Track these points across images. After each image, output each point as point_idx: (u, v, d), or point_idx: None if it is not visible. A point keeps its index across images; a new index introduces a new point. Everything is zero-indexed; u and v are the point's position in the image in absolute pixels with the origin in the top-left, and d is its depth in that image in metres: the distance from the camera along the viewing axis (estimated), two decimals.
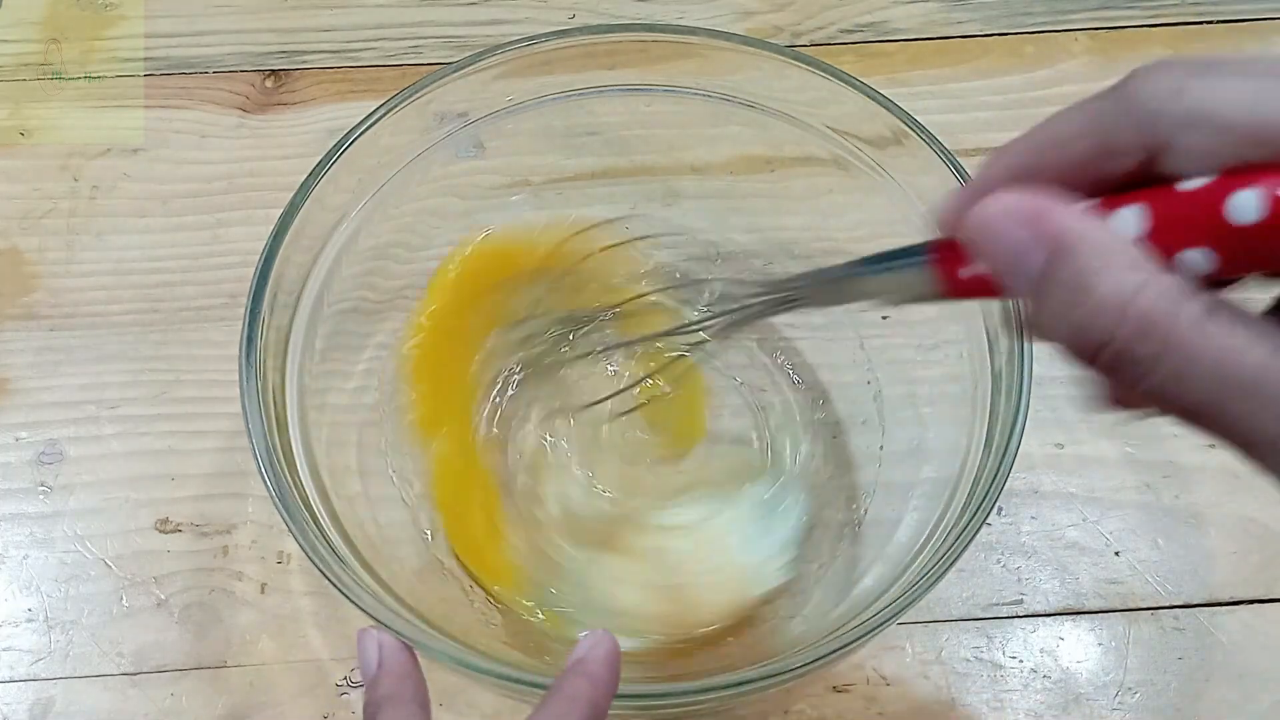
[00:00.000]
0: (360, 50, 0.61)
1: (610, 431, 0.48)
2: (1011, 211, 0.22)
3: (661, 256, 0.50)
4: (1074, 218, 0.21)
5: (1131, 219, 0.22)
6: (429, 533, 0.45)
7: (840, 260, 0.31)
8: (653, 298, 0.49)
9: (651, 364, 0.48)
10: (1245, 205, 0.20)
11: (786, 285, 0.33)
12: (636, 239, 0.50)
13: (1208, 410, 0.21)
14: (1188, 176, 0.21)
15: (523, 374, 0.49)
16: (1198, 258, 0.21)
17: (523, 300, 0.48)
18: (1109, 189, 0.23)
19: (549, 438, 0.48)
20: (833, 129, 0.45)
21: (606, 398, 0.47)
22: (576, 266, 0.48)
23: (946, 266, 0.26)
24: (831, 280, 0.31)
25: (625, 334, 0.49)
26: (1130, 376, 0.21)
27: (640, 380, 0.48)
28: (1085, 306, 0.21)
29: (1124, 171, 0.22)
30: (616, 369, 0.49)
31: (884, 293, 0.29)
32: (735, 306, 0.36)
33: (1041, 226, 0.22)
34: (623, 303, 0.48)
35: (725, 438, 0.49)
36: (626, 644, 0.33)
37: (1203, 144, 0.21)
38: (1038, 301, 0.22)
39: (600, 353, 0.48)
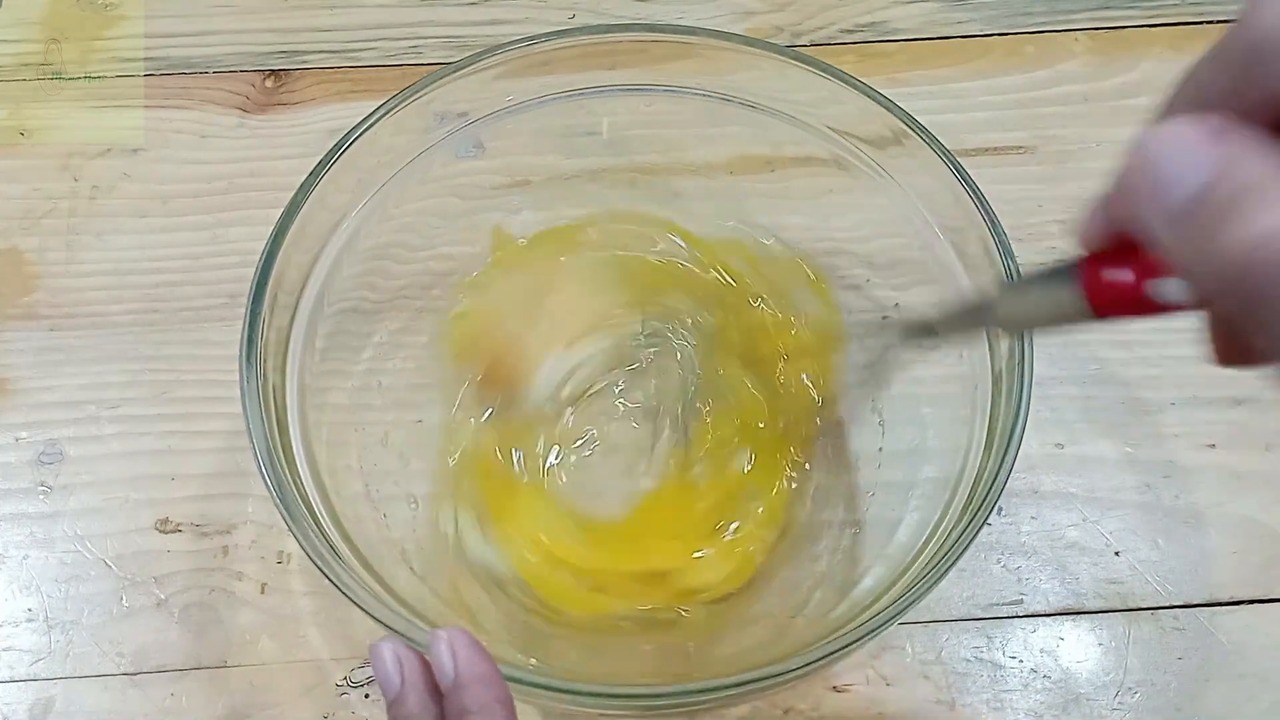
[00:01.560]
0: (360, 50, 0.61)
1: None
2: (1185, 132, 0.20)
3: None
4: (1247, 144, 0.20)
5: None
6: (431, 532, 0.45)
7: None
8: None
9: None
10: None
11: (921, 322, 0.32)
12: None
13: None
14: None
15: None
16: None
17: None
18: None
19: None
20: (833, 129, 0.45)
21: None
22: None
23: (1095, 279, 0.24)
24: (969, 308, 0.29)
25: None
26: (1261, 320, 0.19)
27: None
28: (1227, 233, 0.19)
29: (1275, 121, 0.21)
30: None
31: (1027, 315, 0.27)
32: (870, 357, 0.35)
33: (1211, 150, 0.20)
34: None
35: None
36: None
37: None
38: (1176, 230, 0.20)
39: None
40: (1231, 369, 0.25)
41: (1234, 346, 0.24)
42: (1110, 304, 0.23)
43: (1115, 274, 0.23)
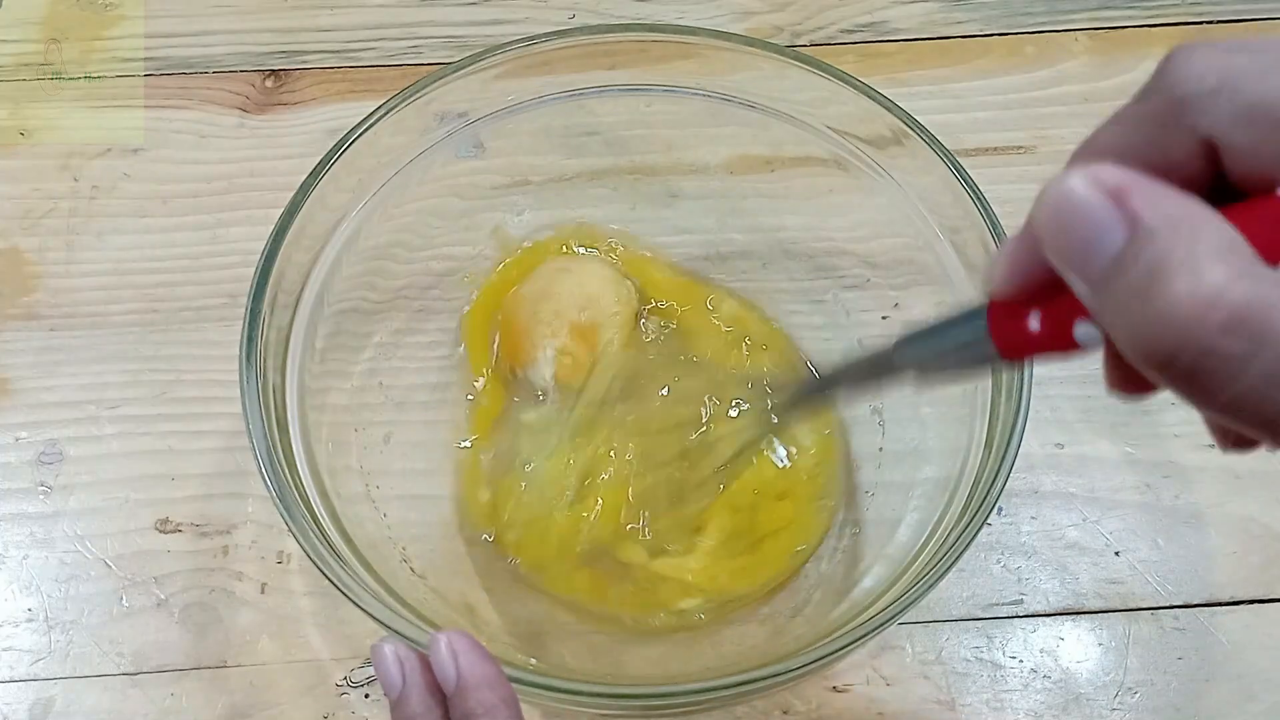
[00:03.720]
0: (360, 50, 0.61)
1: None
2: (1096, 182, 0.19)
3: None
4: (1165, 195, 0.19)
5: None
6: (431, 532, 0.45)
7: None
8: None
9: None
10: None
11: (831, 378, 0.32)
12: None
13: None
14: (1257, 176, 0.20)
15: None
16: None
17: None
18: None
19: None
20: (833, 129, 0.45)
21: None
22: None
23: (1005, 324, 0.23)
24: (870, 360, 0.29)
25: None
26: (1212, 384, 0.18)
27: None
28: (1162, 299, 0.18)
29: (1186, 180, 0.20)
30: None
31: (931, 363, 0.27)
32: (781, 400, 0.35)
33: (1127, 202, 0.19)
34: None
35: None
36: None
37: (1258, 148, 0.19)
38: (1104, 295, 0.19)
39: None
40: (1125, 399, 0.24)
41: (1131, 376, 0.23)
42: (1021, 347, 0.23)
43: (1028, 318, 0.22)
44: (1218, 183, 0.21)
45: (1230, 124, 0.20)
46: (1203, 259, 0.18)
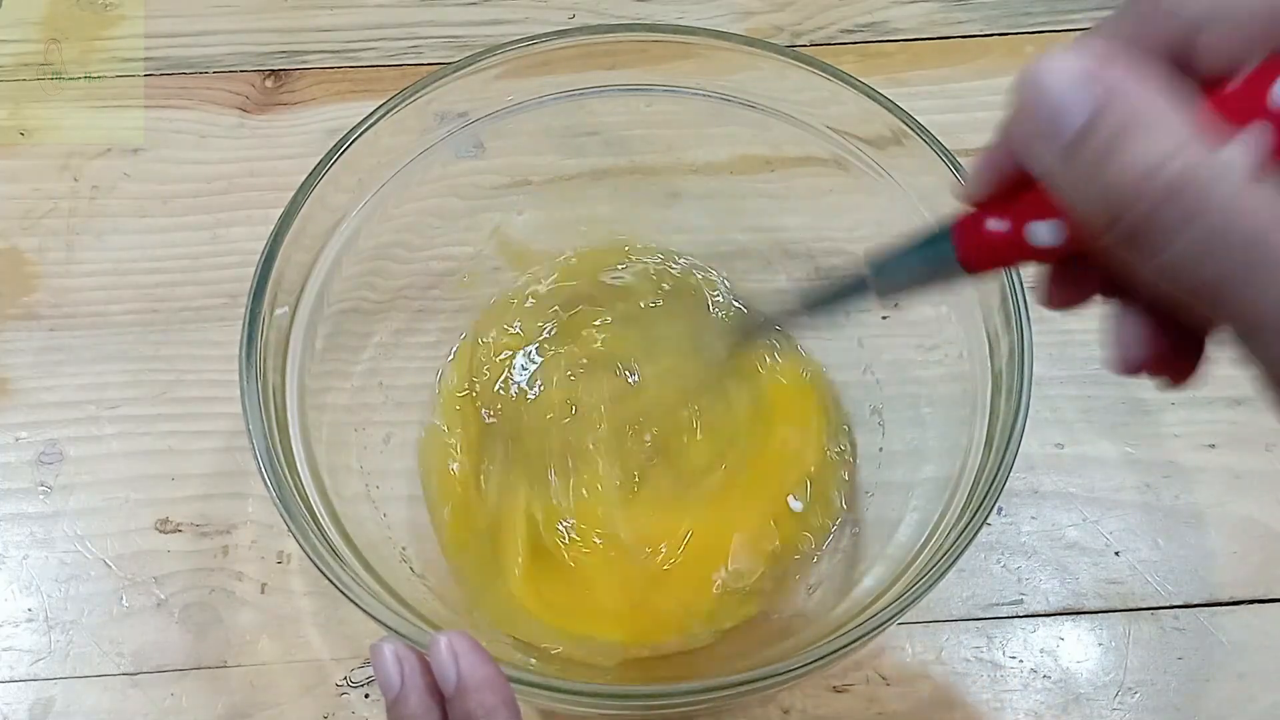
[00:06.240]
0: (360, 50, 0.61)
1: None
2: (1069, 66, 0.20)
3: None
4: (1130, 77, 0.20)
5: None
6: (431, 533, 0.45)
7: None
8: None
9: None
10: None
11: (804, 303, 0.32)
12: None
13: (1224, 287, 0.19)
14: (1225, 65, 0.21)
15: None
16: (1253, 139, 0.20)
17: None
18: None
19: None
20: (833, 129, 0.45)
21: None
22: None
23: (968, 232, 0.25)
24: (841, 284, 0.30)
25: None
26: (1146, 248, 0.20)
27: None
28: (1116, 165, 0.19)
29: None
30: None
31: (900, 281, 0.28)
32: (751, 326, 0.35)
33: (1095, 83, 0.20)
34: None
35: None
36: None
37: (1228, 38, 0.21)
38: (1066, 164, 0.20)
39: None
40: (1061, 310, 0.25)
41: (1065, 285, 0.25)
42: (983, 255, 0.24)
43: (989, 224, 0.24)
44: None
45: (1208, 13, 0.21)
46: (1154, 131, 0.19)
